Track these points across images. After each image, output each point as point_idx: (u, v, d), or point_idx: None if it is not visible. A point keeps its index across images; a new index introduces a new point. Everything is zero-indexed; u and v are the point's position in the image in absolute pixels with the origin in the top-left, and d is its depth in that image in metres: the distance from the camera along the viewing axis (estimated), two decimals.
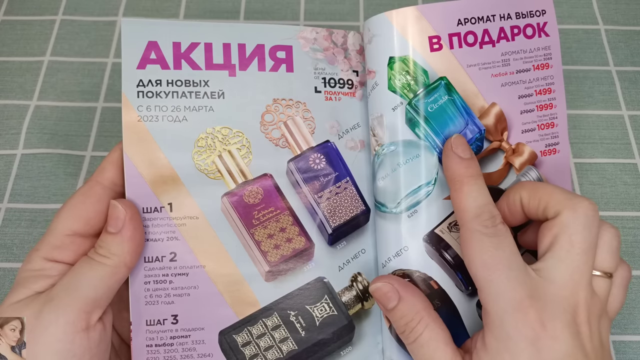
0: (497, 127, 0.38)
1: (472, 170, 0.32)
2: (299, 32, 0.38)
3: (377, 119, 0.37)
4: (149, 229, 0.33)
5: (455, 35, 0.37)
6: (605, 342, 0.30)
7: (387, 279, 0.32)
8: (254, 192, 0.36)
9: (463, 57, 0.37)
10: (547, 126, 0.39)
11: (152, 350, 0.33)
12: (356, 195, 0.37)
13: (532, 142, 0.39)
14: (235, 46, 0.36)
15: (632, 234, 0.45)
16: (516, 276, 0.29)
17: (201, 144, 0.35)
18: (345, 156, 0.37)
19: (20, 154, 0.47)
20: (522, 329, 0.28)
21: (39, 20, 0.53)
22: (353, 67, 0.39)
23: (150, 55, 0.35)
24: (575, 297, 0.29)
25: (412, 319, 0.31)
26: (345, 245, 0.37)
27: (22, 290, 0.30)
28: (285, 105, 0.37)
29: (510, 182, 0.38)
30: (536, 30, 0.38)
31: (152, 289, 0.33)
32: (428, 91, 0.36)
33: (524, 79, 0.38)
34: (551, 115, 0.39)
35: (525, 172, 0.38)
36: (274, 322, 0.34)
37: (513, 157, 0.38)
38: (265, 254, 0.35)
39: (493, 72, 0.38)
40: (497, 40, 0.38)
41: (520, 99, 0.38)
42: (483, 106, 0.38)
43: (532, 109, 0.39)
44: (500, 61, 0.38)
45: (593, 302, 0.30)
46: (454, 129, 0.37)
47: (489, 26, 0.37)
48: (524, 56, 0.38)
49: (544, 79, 0.39)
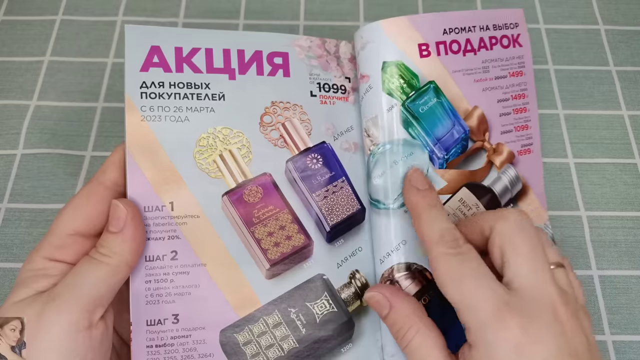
0: (480, 128, 0.41)
1: (429, 199, 0.34)
2: (294, 40, 0.39)
3: (371, 119, 0.38)
4: (150, 228, 0.34)
5: (441, 43, 0.40)
6: (589, 336, 0.30)
7: (378, 288, 0.34)
8: (254, 191, 0.36)
9: (449, 64, 0.40)
10: (522, 128, 0.43)
11: (152, 351, 0.33)
12: (352, 195, 0.38)
13: (510, 142, 0.42)
14: (235, 52, 0.38)
15: (632, 234, 0.45)
16: (487, 285, 0.29)
17: (203, 144, 0.36)
18: (340, 157, 0.39)
19: (20, 154, 0.47)
20: (504, 337, 0.28)
21: (39, 20, 0.53)
22: (345, 74, 0.40)
23: (153, 59, 0.36)
24: (548, 295, 0.29)
25: (403, 325, 0.32)
26: (342, 243, 0.38)
27: (24, 289, 0.30)
28: (283, 108, 0.38)
29: (492, 178, 0.41)
30: (511, 41, 0.42)
31: (152, 288, 0.33)
32: (419, 94, 0.39)
33: (501, 84, 0.42)
34: (525, 118, 0.43)
35: (504, 170, 0.41)
36: (275, 320, 0.35)
37: (494, 156, 0.41)
38: (266, 251, 0.35)
39: (475, 78, 0.41)
40: (478, 49, 0.41)
41: (499, 103, 0.42)
42: (467, 109, 0.40)
43: (509, 112, 0.42)
44: (481, 68, 0.41)
45: (566, 296, 0.30)
46: (443, 129, 0.39)
47: (471, 36, 0.41)
48: (501, 64, 0.42)
49: (518, 85, 0.43)
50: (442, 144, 0.39)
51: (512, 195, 0.41)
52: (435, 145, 0.39)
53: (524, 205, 0.42)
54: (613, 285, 0.44)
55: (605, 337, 0.42)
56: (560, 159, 0.49)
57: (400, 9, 0.55)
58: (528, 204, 0.42)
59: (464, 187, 0.40)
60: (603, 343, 0.42)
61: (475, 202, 0.40)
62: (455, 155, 0.40)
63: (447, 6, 0.56)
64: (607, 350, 0.41)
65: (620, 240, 0.45)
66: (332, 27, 0.54)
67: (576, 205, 0.47)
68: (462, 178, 0.40)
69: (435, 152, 0.39)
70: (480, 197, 0.40)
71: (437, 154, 0.39)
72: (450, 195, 0.40)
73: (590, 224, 0.46)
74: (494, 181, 0.41)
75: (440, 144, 0.39)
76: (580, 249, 0.45)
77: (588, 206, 0.47)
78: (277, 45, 0.39)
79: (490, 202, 0.40)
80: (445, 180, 0.39)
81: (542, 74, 0.52)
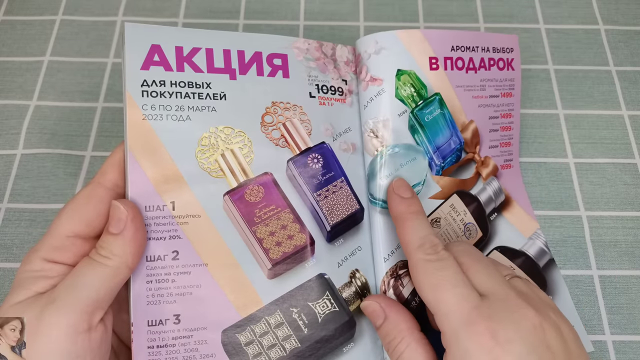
0: (473, 141, 0.44)
1: (413, 207, 0.35)
2: (293, 42, 0.40)
3: (382, 121, 0.39)
4: (151, 228, 0.33)
5: (449, 58, 0.42)
6: (564, 329, 0.30)
7: (375, 298, 0.35)
8: (255, 190, 0.36)
9: (453, 78, 0.42)
10: (506, 145, 0.46)
11: (153, 351, 0.33)
12: (351, 195, 0.38)
13: (495, 157, 0.45)
14: (235, 52, 0.38)
15: (632, 234, 0.45)
16: (461, 292, 0.30)
17: (204, 143, 0.35)
18: (339, 157, 0.39)
19: (20, 154, 0.47)
20: (476, 341, 0.29)
21: (39, 20, 0.53)
22: (342, 77, 0.41)
23: (154, 58, 0.36)
24: (511, 297, 0.30)
25: (395, 337, 0.33)
26: (342, 243, 0.38)
27: (23, 291, 0.30)
28: (284, 108, 0.38)
29: (478, 189, 0.44)
30: (506, 64, 0.45)
31: (154, 288, 0.33)
32: (426, 103, 0.41)
33: (494, 103, 0.45)
34: (509, 136, 0.46)
35: (489, 182, 0.44)
36: (276, 320, 0.34)
37: (482, 168, 0.44)
38: (267, 251, 0.35)
39: (474, 94, 0.44)
40: (478, 67, 0.44)
41: (489, 120, 0.45)
42: (464, 122, 0.43)
43: (497, 129, 0.46)
44: (479, 86, 0.44)
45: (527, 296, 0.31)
46: (442, 139, 0.42)
47: (473, 55, 0.44)
48: (495, 84, 0.45)
49: (507, 105, 0.46)
50: (440, 152, 0.41)
51: (495, 205, 0.44)
52: (434, 152, 0.41)
53: (510, 216, 0.45)
54: (613, 285, 0.44)
55: (605, 337, 0.42)
56: (560, 159, 0.49)
57: (401, 9, 0.55)
58: (513, 214, 0.45)
59: (455, 194, 0.42)
60: (603, 343, 0.42)
61: (463, 209, 0.42)
62: (450, 163, 0.42)
63: (446, 7, 0.56)
64: (607, 350, 0.41)
65: (620, 240, 0.45)
66: (332, 27, 0.54)
67: (576, 205, 0.47)
68: (454, 185, 0.42)
69: (434, 159, 0.41)
70: (467, 204, 0.42)
71: (436, 161, 0.41)
72: (443, 200, 0.42)
73: (590, 224, 0.46)
74: (480, 191, 0.44)
75: (439, 152, 0.41)
76: (580, 249, 0.45)
77: (588, 206, 0.47)
78: (276, 46, 0.39)
79: (476, 210, 0.43)
80: (440, 186, 0.41)
81: (542, 74, 0.52)
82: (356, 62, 0.41)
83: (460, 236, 0.42)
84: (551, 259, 0.44)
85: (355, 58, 0.42)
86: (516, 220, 0.45)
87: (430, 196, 0.41)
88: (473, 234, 0.42)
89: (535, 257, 0.43)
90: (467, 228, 0.42)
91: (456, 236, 0.41)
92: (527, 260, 0.43)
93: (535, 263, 0.43)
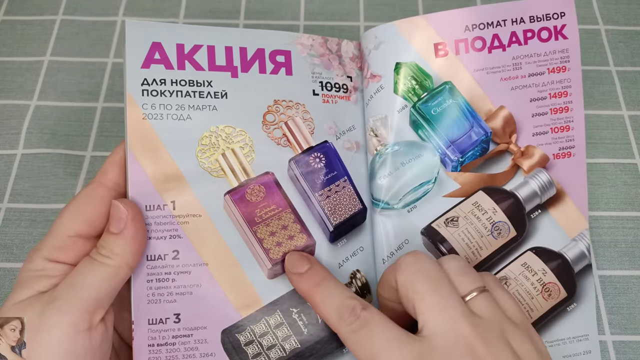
0: (505, 129, 0.39)
1: (315, 279, 0.33)
2: (296, 38, 0.39)
3: (380, 120, 0.38)
4: (152, 227, 0.33)
5: (461, 41, 0.38)
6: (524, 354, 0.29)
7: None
8: (256, 190, 0.36)
9: (469, 62, 0.38)
10: (562, 129, 0.39)
11: (154, 349, 0.33)
12: (354, 194, 0.38)
13: (544, 144, 0.39)
14: (237, 49, 0.37)
15: (632, 234, 0.45)
16: (397, 346, 0.28)
17: (205, 142, 0.35)
18: (342, 156, 0.38)
19: (20, 154, 0.47)
20: None
21: (39, 20, 0.53)
22: (347, 73, 0.40)
23: (155, 56, 0.35)
24: (461, 335, 0.28)
25: None
26: (345, 243, 0.38)
27: (24, 290, 0.30)
28: (286, 106, 0.38)
29: (517, 183, 0.39)
30: (552, 33, 0.39)
31: (154, 287, 0.33)
32: (432, 95, 0.38)
33: (536, 82, 0.39)
34: (566, 118, 0.39)
35: (534, 174, 0.39)
36: (276, 320, 0.34)
37: (521, 160, 0.39)
38: (268, 251, 0.35)
39: (502, 76, 0.39)
40: (508, 44, 0.38)
41: (532, 102, 0.39)
42: (490, 109, 0.39)
43: (545, 112, 0.39)
44: (511, 65, 0.39)
45: (483, 328, 0.29)
46: (458, 131, 0.38)
47: (499, 31, 0.38)
48: (538, 59, 0.39)
49: (559, 82, 0.39)
50: (456, 146, 0.38)
51: (541, 201, 0.39)
52: (448, 147, 0.38)
53: (557, 213, 0.39)
54: (613, 285, 0.44)
55: (605, 337, 0.42)
56: None
57: (401, 8, 0.55)
58: (561, 212, 0.40)
59: (480, 190, 0.39)
60: (603, 343, 0.42)
61: (492, 206, 0.38)
62: (472, 157, 0.39)
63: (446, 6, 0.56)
64: (607, 350, 0.41)
65: (620, 240, 0.45)
66: (332, 27, 0.54)
67: None
68: (479, 181, 0.39)
69: (448, 155, 0.38)
70: (498, 201, 0.38)
71: (451, 157, 0.38)
72: (464, 198, 0.38)
73: (590, 224, 0.46)
74: (519, 185, 0.39)
75: (454, 146, 0.38)
76: None
77: (588, 206, 0.47)
78: (279, 43, 0.38)
79: (510, 207, 0.38)
80: (459, 183, 0.38)
81: None
82: (361, 58, 0.41)
83: (485, 236, 0.38)
84: (588, 264, 0.39)
85: (360, 54, 0.41)
86: (563, 218, 0.39)
87: (445, 194, 0.38)
88: (503, 233, 0.38)
89: (573, 261, 0.39)
90: (496, 227, 0.38)
91: (479, 236, 0.38)
92: (562, 264, 0.38)
93: (571, 268, 0.39)
